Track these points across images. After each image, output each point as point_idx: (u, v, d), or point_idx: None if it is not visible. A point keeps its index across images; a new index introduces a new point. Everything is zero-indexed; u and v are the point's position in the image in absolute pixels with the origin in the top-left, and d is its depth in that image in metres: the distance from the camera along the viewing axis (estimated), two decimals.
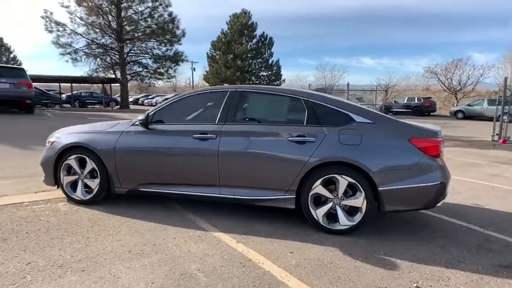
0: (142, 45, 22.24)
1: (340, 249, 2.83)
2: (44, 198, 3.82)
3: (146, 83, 22.67)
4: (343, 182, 3.04)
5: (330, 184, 3.12)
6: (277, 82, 36.10)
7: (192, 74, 44.32)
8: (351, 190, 3.09)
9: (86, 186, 3.66)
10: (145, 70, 22.96)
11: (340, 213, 3.09)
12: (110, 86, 24.18)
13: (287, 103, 3.42)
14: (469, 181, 5.64)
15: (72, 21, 19.67)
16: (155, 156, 3.49)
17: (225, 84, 32.43)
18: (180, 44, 23.01)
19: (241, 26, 32.53)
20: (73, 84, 25.59)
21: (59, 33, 19.49)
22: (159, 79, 22.89)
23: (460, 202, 4.42)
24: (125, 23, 21.12)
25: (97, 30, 20.36)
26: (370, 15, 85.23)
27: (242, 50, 31.48)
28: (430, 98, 29.15)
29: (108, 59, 21.58)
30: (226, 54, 32.32)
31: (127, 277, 2.29)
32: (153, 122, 3.56)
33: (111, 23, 20.89)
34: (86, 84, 28.58)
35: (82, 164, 3.64)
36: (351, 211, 3.10)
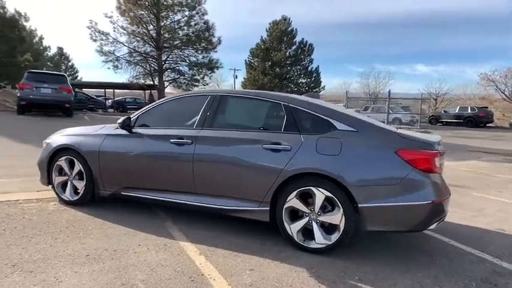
0: (180, 52, 23.06)
1: (309, 271, 2.56)
2: (40, 197, 3.95)
3: (183, 89, 23.42)
4: (319, 195, 2.77)
5: (308, 197, 2.86)
6: (317, 89, 35.50)
7: (234, 82, 45.14)
8: (330, 205, 2.80)
9: (74, 187, 3.73)
10: (181, 77, 23.75)
11: (317, 230, 2.82)
12: (150, 92, 25.36)
13: (267, 108, 3.22)
14: (501, 202, 5.00)
15: (114, 31, 21.09)
16: (135, 160, 3.46)
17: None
18: (216, 51, 23.57)
19: (281, 32, 32.49)
20: (125, 91, 27.21)
21: (102, 41, 20.93)
22: (195, 86, 23.54)
23: (480, 225, 3.89)
24: (163, 31, 22.06)
25: (138, 38, 21.52)
26: (427, 20, 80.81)
27: (280, 56, 31.38)
28: (486, 107, 26.84)
29: (147, 66, 22.67)
30: (264, 61, 32.42)
31: (68, 282, 2.23)
32: (136, 125, 3.54)
33: (150, 31, 21.93)
34: (136, 91, 30.29)
35: (72, 165, 3.72)
36: (329, 228, 2.82)
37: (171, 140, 3.26)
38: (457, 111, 26.11)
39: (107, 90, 29.44)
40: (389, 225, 2.72)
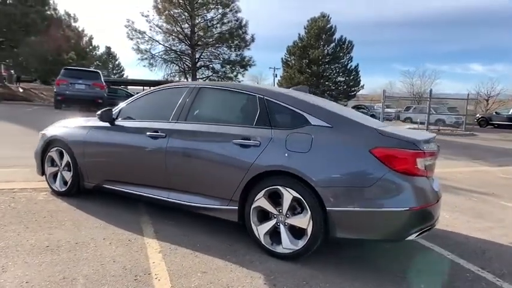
0: (213, 50, 23.32)
1: (266, 278, 2.34)
2: (36, 187, 4.06)
3: None
4: (287, 196, 2.53)
5: (278, 197, 2.62)
6: (356, 88, 34.29)
7: (273, 80, 45.00)
8: (299, 207, 2.55)
9: (63, 178, 3.79)
10: (215, 75, 24.01)
11: (284, 234, 2.58)
12: None
13: (242, 101, 3.01)
14: None
15: (150, 29, 21.83)
16: (114, 153, 3.43)
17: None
18: (249, 49, 23.53)
19: (319, 29, 31.72)
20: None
21: (138, 40, 21.76)
22: None
23: (494, 238, 3.41)
24: (197, 29, 22.41)
25: (173, 36, 22.07)
26: (484, 17, 74.73)
27: (317, 54, 30.64)
28: None
29: (181, 64, 23.20)
30: (301, 59, 31.86)
31: (13, 272, 2.22)
32: (120, 117, 3.51)
33: (185, 30, 22.39)
34: None
35: (61, 156, 3.78)
36: (297, 233, 2.56)
37: (147, 133, 3.18)
38: (510, 113, 23.83)
39: (146, 87, 30.78)
40: (361, 232, 2.41)
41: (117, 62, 49.56)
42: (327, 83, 33.56)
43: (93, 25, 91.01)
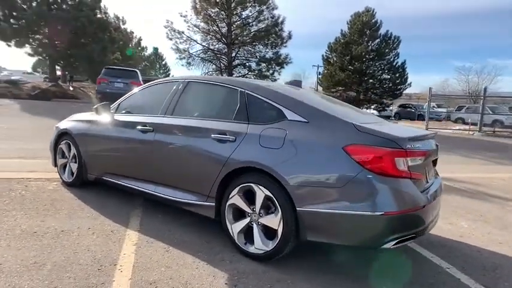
0: (250, 48, 23.32)
1: (230, 278, 2.26)
2: (50, 177, 4.33)
3: None
4: (260, 194, 2.42)
5: (253, 195, 2.52)
6: (402, 86, 32.48)
7: (316, 78, 44.21)
8: (273, 206, 2.43)
9: (71, 169, 3.99)
10: (251, 73, 24.01)
11: (256, 233, 2.47)
12: None
13: (225, 95, 2.92)
14: None
15: (188, 29, 22.35)
16: (111, 146, 3.53)
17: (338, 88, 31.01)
18: (285, 46, 23.20)
19: (362, 25, 30.43)
20: None
21: (177, 40, 22.41)
22: None
23: (506, 252, 3.02)
24: (233, 28, 22.56)
25: (210, 36, 22.44)
26: None
27: (360, 50, 29.41)
28: None
29: (218, 63, 23.51)
30: (343, 56, 30.81)
31: None
32: (118, 111, 3.61)
33: (222, 29, 22.64)
34: None
35: (69, 148, 3.98)
36: (270, 233, 2.44)
37: (138, 127, 3.23)
38: None
39: None
40: (332, 236, 2.22)
41: (163, 62, 51.81)
42: (370, 80, 32.12)
43: (142, 27, 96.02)
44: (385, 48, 31.30)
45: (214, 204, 2.70)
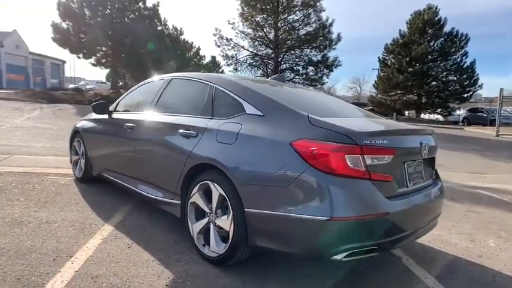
0: (298, 52, 22.95)
1: (173, 280, 2.16)
2: (67, 173, 4.62)
3: None
4: (215, 193, 2.29)
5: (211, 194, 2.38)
6: (471, 88, 29.40)
7: (374, 82, 42.31)
8: (227, 206, 2.26)
9: (80, 165, 4.22)
10: (297, 77, 23.61)
11: (212, 235, 2.33)
12: None
13: (198, 90, 2.81)
14: None
15: (236, 36, 22.72)
16: (106, 143, 3.65)
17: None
18: (334, 48, 22.38)
19: (424, 23, 28.27)
20: None
21: (225, 47, 22.91)
22: (313, 85, 22.95)
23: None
24: (280, 32, 22.43)
25: (258, 41, 22.58)
26: None
27: (421, 50, 27.28)
28: None
29: (265, 69, 23.53)
30: (401, 57, 28.88)
31: None
32: (116, 110, 3.72)
33: (269, 35, 22.64)
34: None
35: (80, 145, 4.22)
36: (225, 235, 2.28)
37: (125, 125, 3.29)
38: None
39: None
40: (279, 243, 1.98)
41: (220, 70, 53.63)
42: (433, 82, 29.63)
43: (201, 37, 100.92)
44: (450, 48, 28.72)
45: (180, 202, 2.61)
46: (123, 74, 23.02)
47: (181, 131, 2.61)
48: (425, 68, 28.47)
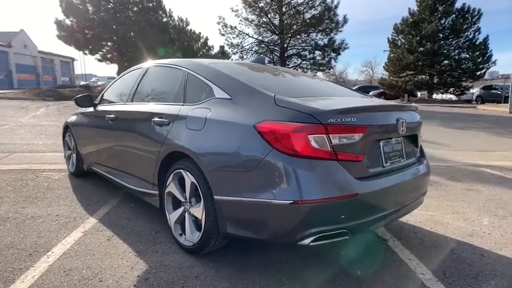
0: (305, 36, 22.51)
1: (146, 271, 2.12)
2: (62, 168, 4.64)
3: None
4: (188, 181, 2.23)
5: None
6: (485, 66, 28.38)
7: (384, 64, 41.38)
8: (199, 194, 2.20)
9: (72, 160, 4.23)
10: (304, 62, 23.20)
11: (187, 224, 2.28)
12: None
13: (172, 76, 2.72)
14: None
15: (240, 23, 22.37)
16: (92, 136, 3.63)
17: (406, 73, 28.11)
18: (341, 31, 21.82)
19: (434, 0, 27.27)
20: None
21: (230, 35, 22.63)
22: (321, 70, 22.53)
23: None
24: (285, 17, 21.96)
25: (263, 28, 22.20)
26: None
27: (431, 28, 26.36)
28: None
29: (271, 55, 23.19)
30: (411, 36, 28.01)
31: None
32: (101, 103, 3.69)
33: (273, 21, 22.22)
34: None
35: (71, 140, 4.22)
36: (199, 224, 2.22)
37: (107, 117, 3.25)
38: None
39: None
40: (249, 229, 1.92)
41: (230, 60, 53.29)
42: (445, 61, 28.75)
43: (209, 27, 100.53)
44: (462, 24, 27.76)
45: (158, 192, 2.57)
46: (129, 67, 23.27)
47: (155, 119, 2.54)
48: (437, 47, 27.65)
